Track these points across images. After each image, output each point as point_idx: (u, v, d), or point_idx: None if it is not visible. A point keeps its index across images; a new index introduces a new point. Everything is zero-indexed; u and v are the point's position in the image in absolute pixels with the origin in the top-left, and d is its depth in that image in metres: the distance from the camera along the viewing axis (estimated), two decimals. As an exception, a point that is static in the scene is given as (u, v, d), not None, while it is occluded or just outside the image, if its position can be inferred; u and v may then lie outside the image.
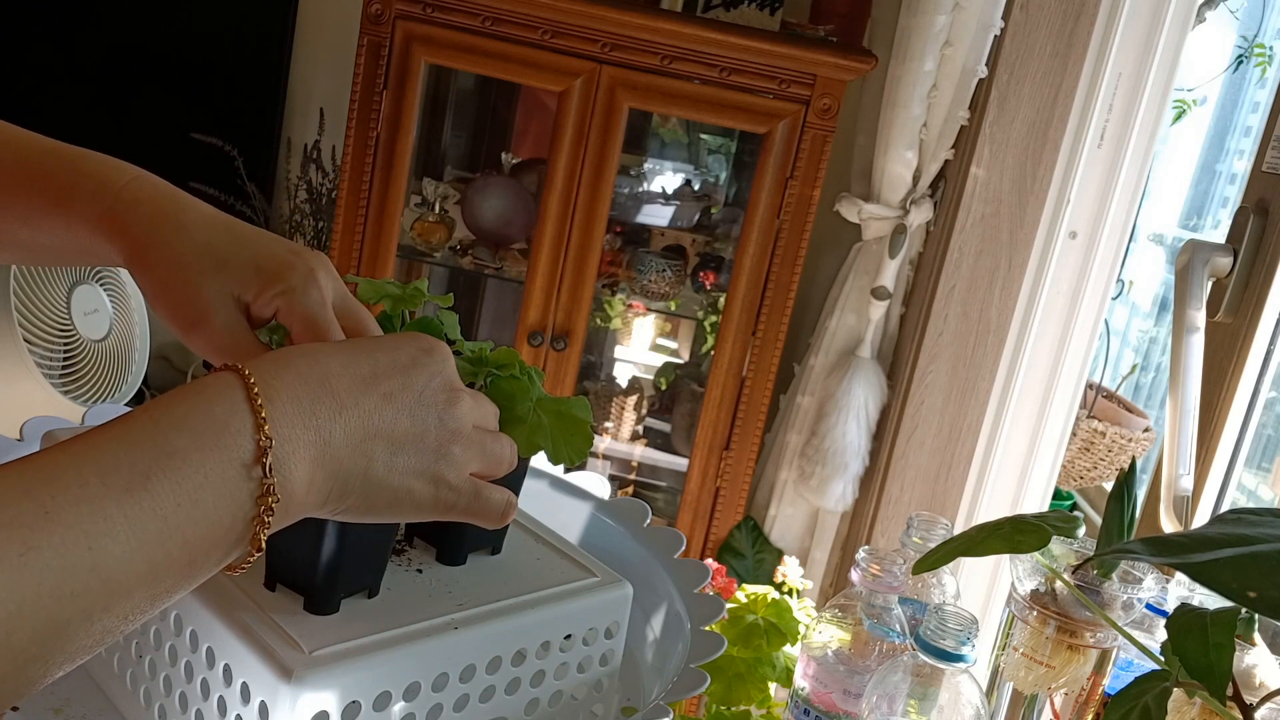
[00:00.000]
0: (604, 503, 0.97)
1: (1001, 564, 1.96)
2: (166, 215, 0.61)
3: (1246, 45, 2.41)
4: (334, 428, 0.52)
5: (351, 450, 0.53)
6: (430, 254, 2.28)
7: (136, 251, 0.61)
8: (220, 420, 0.49)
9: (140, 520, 0.45)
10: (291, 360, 0.53)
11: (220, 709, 0.62)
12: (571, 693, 0.73)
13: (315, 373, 0.53)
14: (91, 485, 0.45)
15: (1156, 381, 2.67)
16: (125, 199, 0.61)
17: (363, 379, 0.54)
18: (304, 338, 0.61)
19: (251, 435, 0.49)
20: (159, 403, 0.49)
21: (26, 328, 1.78)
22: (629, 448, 2.48)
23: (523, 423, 0.70)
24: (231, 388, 0.50)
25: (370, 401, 0.54)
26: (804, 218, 2.05)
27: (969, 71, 1.95)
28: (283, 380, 0.51)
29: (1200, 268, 1.49)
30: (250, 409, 0.50)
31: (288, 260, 0.62)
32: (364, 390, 0.54)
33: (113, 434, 0.47)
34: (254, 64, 2.47)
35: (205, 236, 0.61)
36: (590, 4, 1.96)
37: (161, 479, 0.46)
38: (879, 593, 0.85)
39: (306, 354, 0.54)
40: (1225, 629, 0.59)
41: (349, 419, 0.53)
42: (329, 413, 0.52)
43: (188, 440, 0.48)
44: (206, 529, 0.48)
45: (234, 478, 0.48)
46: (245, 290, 0.61)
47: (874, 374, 2.15)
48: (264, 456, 0.49)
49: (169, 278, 0.60)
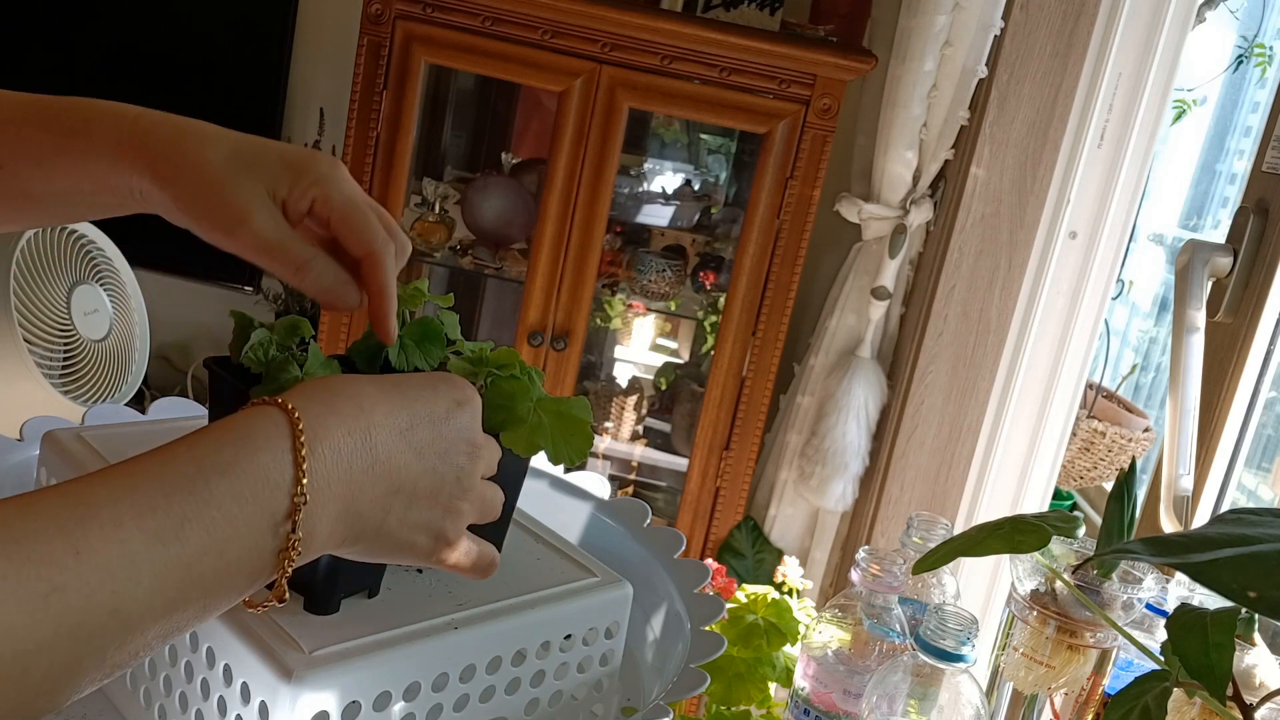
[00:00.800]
0: (604, 503, 0.97)
1: (1001, 564, 1.96)
2: (185, 131, 0.62)
3: (1246, 45, 2.41)
4: (364, 483, 0.53)
5: (373, 504, 0.54)
6: (430, 254, 2.28)
7: (163, 168, 0.60)
8: (262, 471, 0.49)
9: (166, 568, 0.45)
10: (338, 404, 0.53)
11: (220, 709, 0.62)
12: (571, 693, 0.73)
13: (360, 423, 0.53)
14: (127, 527, 0.45)
15: (1156, 381, 2.67)
16: (142, 124, 0.62)
17: (400, 430, 0.54)
18: (343, 223, 0.62)
19: (289, 491, 0.49)
20: (204, 439, 0.49)
21: (26, 328, 1.78)
22: (629, 448, 2.48)
23: (523, 423, 0.70)
24: (279, 433, 0.50)
25: (402, 456, 0.54)
26: (804, 218, 2.04)
27: (969, 71, 1.95)
28: (327, 428, 0.52)
29: (1200, 268, 1.49)
30: (293, 460, 0.50)
31: (311, 154, 0.63)
32: (399, 444, 0.54)
33: (154, 470, 0.47)
34: (254, 64, 2.47)
35: (229, 143, 0.62)
36: (590, 4, 1.96)
37: (194, 528, 0.46)
38: (879, 593, 0.85)
39: (350, 397, 0.54)
40: (1225, 629, 0.59)
41: (379, 475, 0.53)
42: (364, 466, 0.53)
43: (226, 490, 0.48)
44: (226, 576, 0.48)
45: (263, 531, 0.49)
46: (279, 185, 0.61)
47: (874, 374, 2.15)
48: (296, 513, 0.49)
49: (202, 185, 0.60)
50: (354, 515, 0.53)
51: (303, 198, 0.61)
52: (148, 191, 0.61)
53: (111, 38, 2.47)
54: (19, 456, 0.87)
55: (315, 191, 0.61)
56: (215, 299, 2.54)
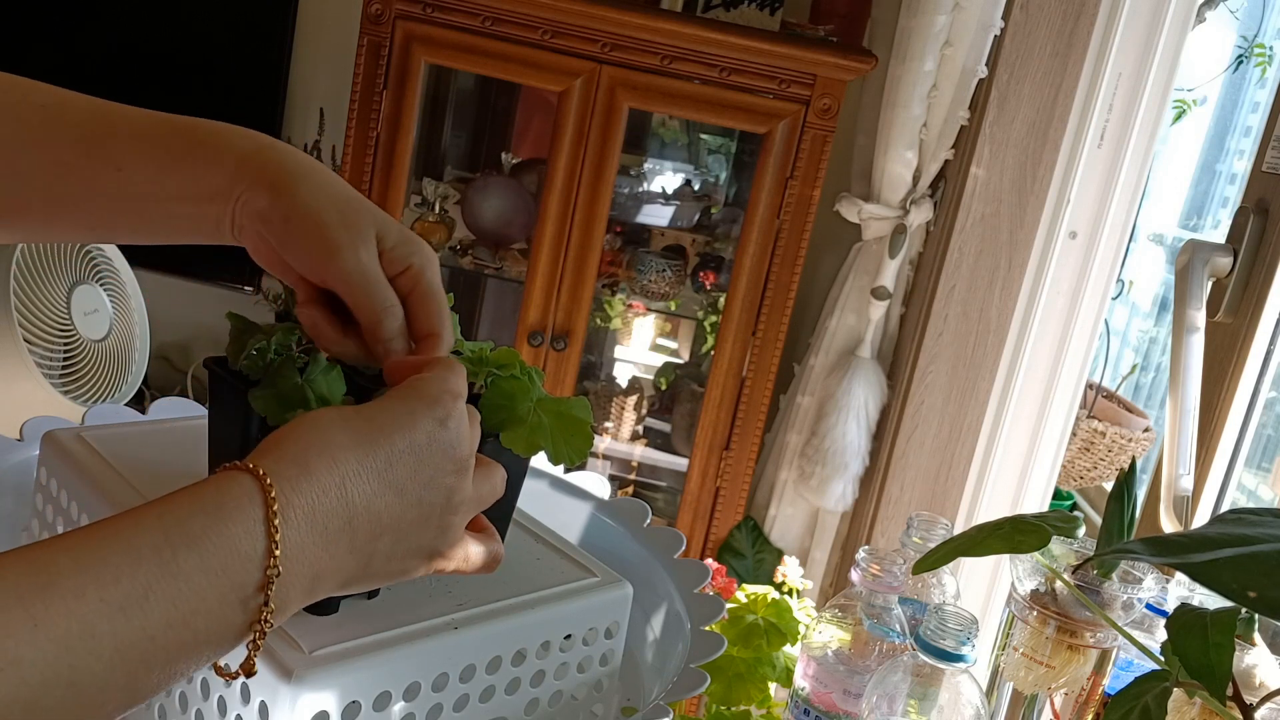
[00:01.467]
0: (604, 503, 0.97)
1: (1001, 564, 1.96)
2: (312, 162, 0.63)
3: (1246, 45, 2.41)
4: (341, 540, 0.52)
5: (355, 554, 0.53)
6: (430, 254, 2.27)
7: (283, 183, 0.61)
8: (233, 543, 0.48)
9: (129, 642, 0.44)
10: (310, 462, 0.51)
11: (220, 709, 0.62)
12: (571, 693, 0.73)
13: (333, 478, 0.51)
14: (88, 599, 0.43)
15: (1156, 381, 2.67)
16: (275, 147, 0.63)
17: (377, 473, 0.53)
18: (427, 299, 0.63)
19: (260, 564, 0.48)
20: (173, 507, 0.48)
21: (26, 328, 1.78)
22: (629, 448, 2.48)
23: (523, 423, 0.70)
24: (251, 503, 0.49)
25: (382, 500, 0.53)
26: (804, 218, 2.04)
27: (969, 71, 1.95)
28: (300, 493, 0.50)
29: (1200, 268, 1.49)
30: (266, 532, 0.49)
31: (418, 236, 0.64)
32: (378, 488, 0.53)
33: (122, 537, 0.46)
34: (254, 64, 2.47)
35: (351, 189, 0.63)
36: (590, 4, 1.96)
37: (158, 600, 0.45)
38: (879, 593, 0.85)
39: (323, 449, 0.52)
40: (1225, 629, 0.59)
41: (358, 526, 0.52)
42: (340, 525, 0.52)
43: (195, 563, 0.46)
44: (193, 648, 0.47)
45: (232, 605, 0.48)
46: (389, 238, 0.62)
47: (874, 374, 2.15)
48: (268, 586, 0.48)
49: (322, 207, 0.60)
50: (333, 573, 0.52)
51: (402, 261, 0.62)
52: (254, 203, 0.61)
53: (112, 38, 2.47)
54: (19, 456, 0.87)
55: (415, 261, 0.62)
56: (215, 299, 2.54)
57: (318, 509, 0.51)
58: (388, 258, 0.62)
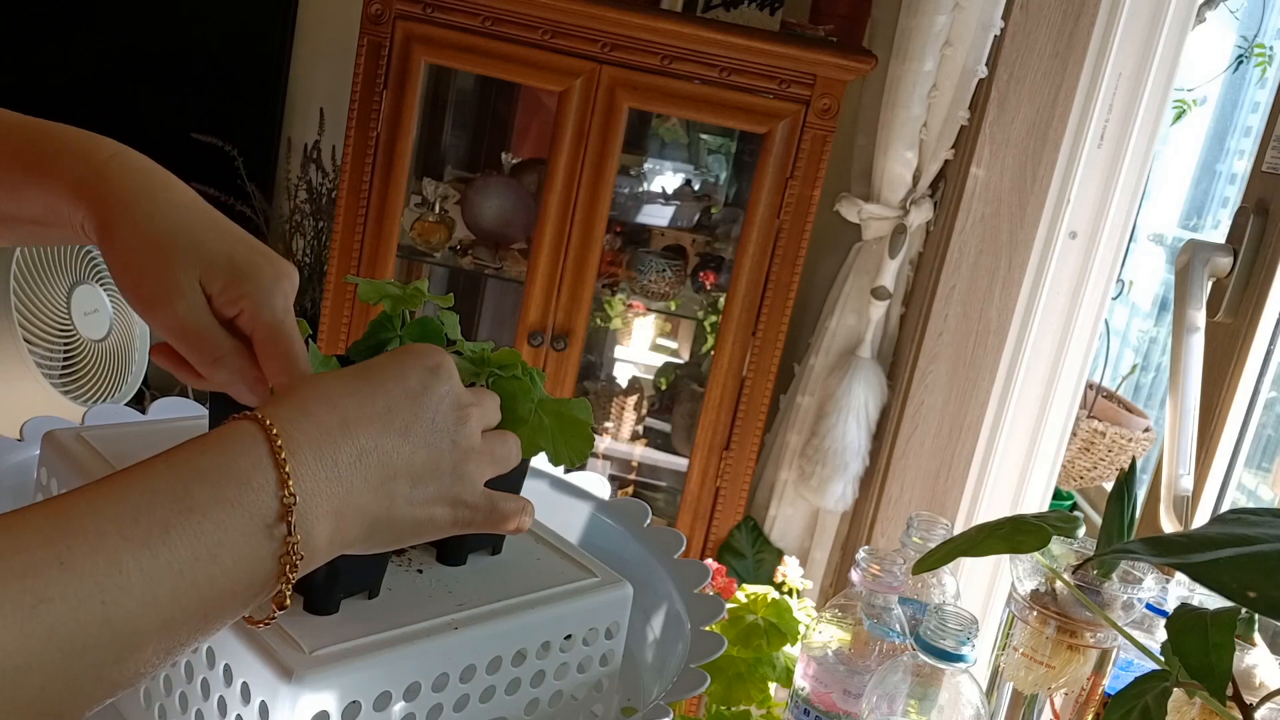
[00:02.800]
0: (604, 503, 0.97)
1: (1001, 564, 1.96)
2: (146, 191, 0.60)
3: (1246, 45, 2.41)
4: (355, 476, 0.52)
5: (374, 494, 0.53)
6: (430, 254, 2.28)
7: (108, 221, 0.59)
8: (243, 475, 0.48)
9: (156, 574, 0.44)
10: (309, 406, 0.52)
11: (220, 709, 0.62)
12: (571, 693, 0.73)
13: (334, 418, 0.52)
14: (109, 536, 0.44)
15: (1156, 381, 2.67)
16: (108, 170, 0.60)
17: (378, 415, 0.53)
18: (266, 345, 0.60)
19: (275, 493, 0.49)
20: (180, 451, 0.49)
21: (26, 328, 1.78)
22: (629, 448, 2.48)
23: (524, 424, 0.70)
24: (254, 440, 0.49)
25: (389, 440, 0.53)
26: (804, 218, 2.04)
27: (969, 71, 1.95)
28: (303, 430, 0.51)
29: (1200, 268, 1.49)
30: (274, 463, 0.49)
31: (260, 262, 0.61)
32: (382, 429, 0.53)
33: (132, 482, 0.46)
34: (254, 64, 2.47)
35: (183, 219, 0.60)
36: (590, 4, 1.96)
37: (181, 532, 0.45)
38: (879, 593, 0.85)
39: (321, 397, 0.53)
40: (1225, 629, 0.59)
41: (369, 464, 0.52)
42: (350, 460, 0.52)
43: (209, 494, 0.47)
44: (225, 584, 0.47)
45: (256, 535, 0.48)
46: (214, 281, 0.60)
47: (874, 374, 2.15)
48: (288, 515, 0.49)
49: (138, 251, 0.59)
50: (355, 510, 0.52)
51: (232, 304, 0.60)
52: (93, 235, 0.60)
53: (112, 38, 2.47)
54: (19, 456, 0.87)
55: (246, 304, 0.60)
56: (215, 299, 2.54)
57: (323, 444, 0.51)
58: (217, 302, 0.60)
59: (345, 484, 0.51)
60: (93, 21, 2.45)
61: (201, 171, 2.40)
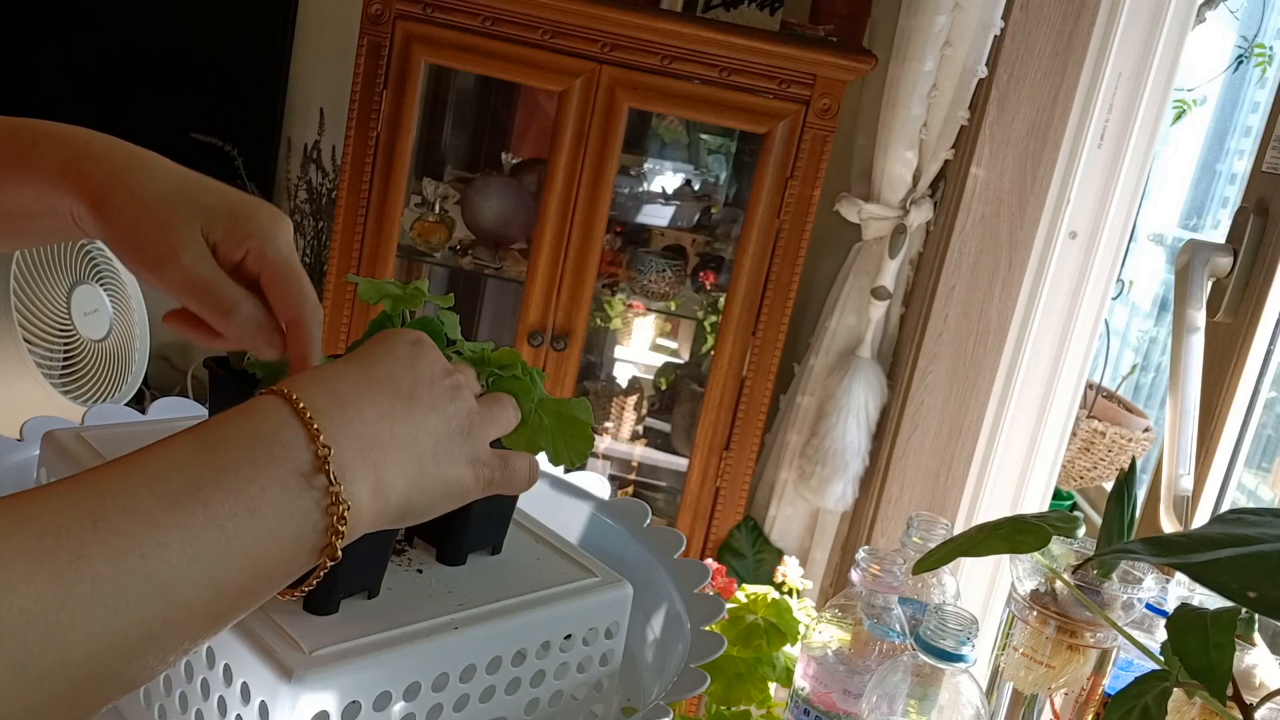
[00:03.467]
0: (604, 503, 0.97)
1: (1001, 564, 1.96)
2: (132, 162, 0.61)
3: (1246, 45, 2.41)
4: (382, 431, 0.52)
5: (404, 450, 0.53)
6: (430, 254, 2.28)
7: (100, 196, 0.59)
8: (270, 434, 0.48)
9: (194, 529, 0.43)
10: (321, 377, 0.53)
11: (220, 709, 0.62)
12: (571, 693, 0.73)
13: (345, 386, 0.53)
14: (141, 495, 0.43)
15: (1156, 381, 2.67)
16: (90, 150, 0.61)
17: (382, 383, 0.54)
18: (275, 281, 0.61)
19: (307, 446, 0.48)
20: (201, 425, 0.49)
21: (26, 328, 1.78)
22: (629, 448, 2.48)
23: (524, 423, 0.70)
24: (277, 406, 0.49)
25: (401, 404, 0.54)
26: (804, 218, 2.04)
27: (969, 71, 1.95)
28: (322, 395, 0.51)
29: (1200, 268, 1.49)
30: (300, 422, 0.49)
31: (257, 206, 0.62)
32: (392, 396, 0.54)
33: (157, 452, 0.46)
34: (254, 64, 2.47)
35: (173, 180, 0.61)
36: (590, 4, 1.96)
37: (214, 489, 0.45)
38: (879, 593, 0.85)
39: (327, 371, 0.54)
40: (1225, 629, 0.59)
41: (393, 424, 0.53)
42: (375, 417, 0.52)
43: (239, 455, 0.47)
44: (270, 541, 0.46)
45: (295, 488, 0.47)
46: (216, 228, 0.60)
47: (874, 374, 2.15)
48: (326, 464, 0.48)
49: (136, 217, 0.59)
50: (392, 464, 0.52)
51: (237, 247, 0.60)
52: (84, 218, 0.60)
53: (112, 38, 2.47)
54: (19, 456, 0.87)
55: (251, 244, 0.60)
56: (215, 299, 2.54)
57: (347, 404, 0.51)
58: (221, 250, 0.60)
59: (375, 438, 0.52)
60: (93, 21, 2.45)
61: (201, 171, 2.40)
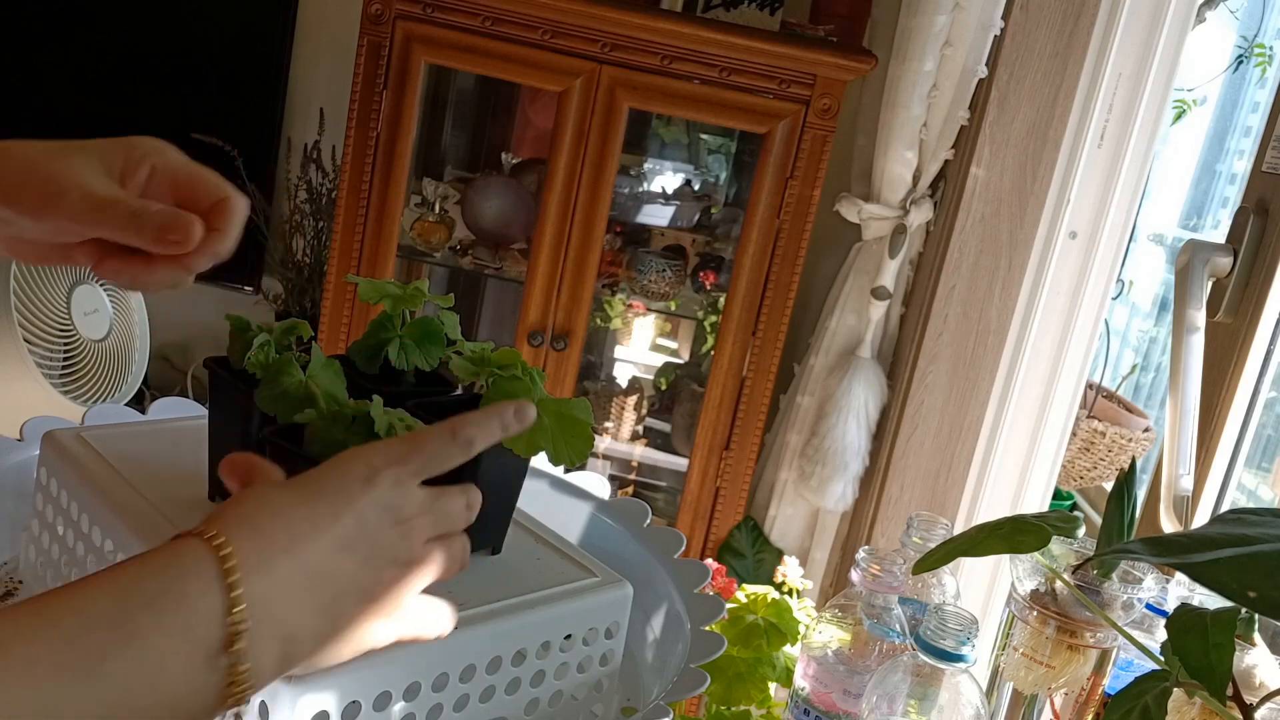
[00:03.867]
0: (604, 503, 0.97)
1: (1001, 564, 1.96)
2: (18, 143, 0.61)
3: (1246, 45, 2.41)
4: (305, 599, 0.50)
5: (323, 615, 0.51)
6: (430, 254, 2.28)
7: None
8: (189, 601, 0.46)
9: (88, 707, 0.43)
10: (261, 523, 0.51)
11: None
12: (571, 693, 0.73)
13: (283, 534, 0.51)
14: (41, 664, 0.42)
15: (1156, 381, 2.66)
16: None
17: (325, 530, 0.52)
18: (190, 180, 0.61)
19: (221, 620, 0.47)
20: (124, 571, 0.47)
21: (26, 328, 1.78)
22: (629, 448, 2.48)
23: (523, 423, 0.70)
24: (204, 563, 0.48)
25: (336, 560, 0.52)
26: (804, 218, 2.04)
27: (969, 71, 1.95)
28: (254, 551, 0.49)
29: (1200, 268, 1.49)
30: (222, 588, 0.47)
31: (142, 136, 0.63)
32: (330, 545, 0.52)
33: (71, 606, 0.44)
34: (254, 64, 2.47)
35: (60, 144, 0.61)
36: (590, 4, 1.96)
37: (118, 664, 0.43)
38: (879, 593, 0.85)
39: (272, 511, 0.52)
40: (1225, 629, 0.59)
41: (318, 585, 0.51)
42: (302, 580, 0.50)
43: (151, 622, 0.45)
44: (166, 710, 0.45)
45: (198, 664, 0.46)
46: (113, 159, 0.61)
47: (874, 374, 2.15)
48: (235, 642, 0.47)
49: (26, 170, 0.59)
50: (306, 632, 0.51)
51: (139, 165, 0.61)
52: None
53: (112, 38, 2.47)
54: (19, 456, 0.87)
55: (154, 159, 0.61)
56: (215, 299, 2.54)
57: (275, 564, 0.49)
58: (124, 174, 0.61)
59: (296, 606, 0.50)
60: (93, 21, 2.45)
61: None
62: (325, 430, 0.64)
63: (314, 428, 0.64)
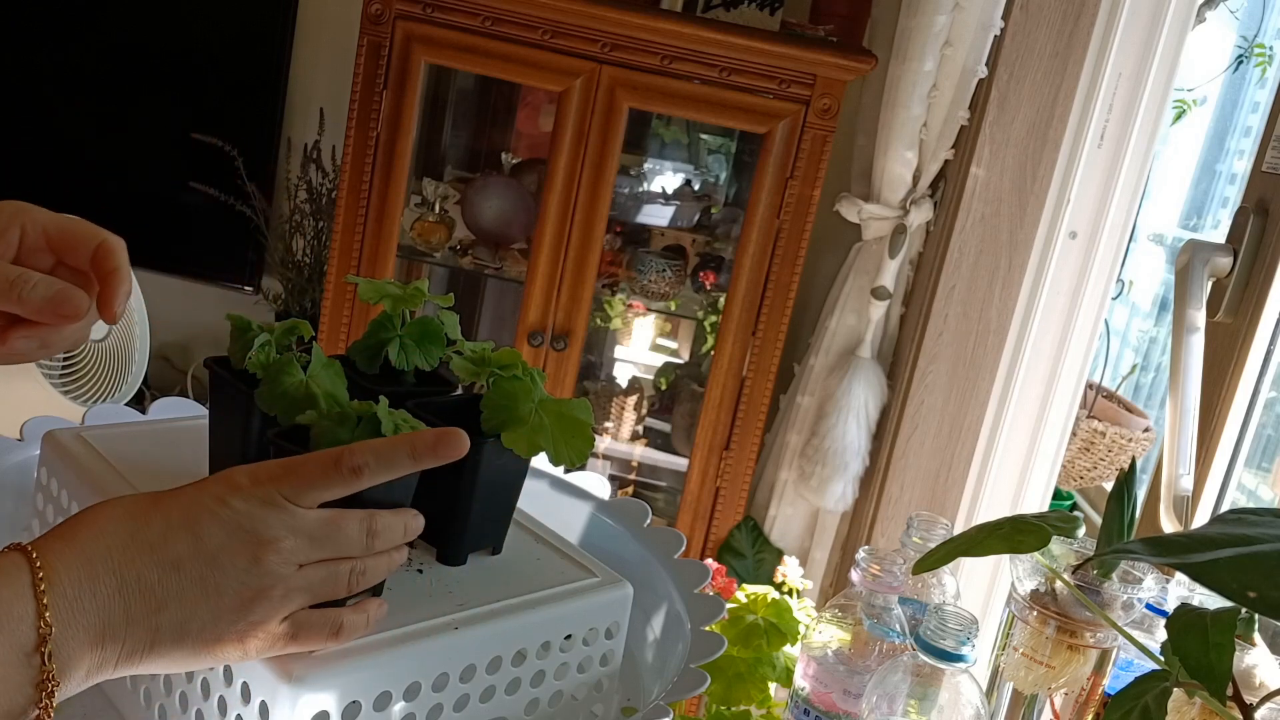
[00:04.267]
0: (604, 503, 0.97)
1: (1001, 564, 1.96)
2: None
3: (1246, 45, 2.41)
4: (115, 606, 0.53)
5: (134, 624, 0.54)
6: (430, 254, 2.28)
7: None
8: (4, 606, 0.50)
9: None
10: (78, 535, 0.54)
11: (220, 709, 0.62)
12: (571, 693, 0.73)
13: (99, 549, 0.54)
14: None
15: (1156, 381, 2.66)
16: None
17: (150, 546, 0.54)
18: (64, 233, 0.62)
19: (33, 623, 0.51)
20: None
21: (26, 328, 1.78)
22: (629, 448, 2.48)
23: (524, 424, 0.70)
24: (18, 570, 0.51)
25: (155, 575, 0.54)
26: (804, 218, 2.04)
27: (969, 71, 1.95)
28: (65, 561, 0.53)
29: (1200, 268, 1.49)
30: (33, 594, 0.51)
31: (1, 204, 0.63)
32: (150, 562, 0.54)
33: None
34: (254, 64, 2.47)
35: None
36: (590, 4, 1.96)
37: None
38: (879, 593, 0.85)
39: (93, 526, 0.55)
40: (1225, 629, 0.59)
41: (132, 597, 0.53)
42: (111, 591, 0.53)
43: None
44: None
45: (16, 663, 0.50)
46: None
47: (874, 374, 2.15)
48: (43, 644, 0.50)
49: None
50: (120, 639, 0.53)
51: (7, 229, 0.61)
52: None
53: (112, 38, 2.47)
54: (19, 456, 0.87)
55: (21, 219, 0.62)
56: (215, 299, 2.54)
57: (84, 576, 0.53)
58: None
59: (106, 615, 0.53)
60: (93, 21, 2.45)
61: (201, 171, 2.40)
62: (330, 432, 0.64)
63: (319, 429, 0.64)
